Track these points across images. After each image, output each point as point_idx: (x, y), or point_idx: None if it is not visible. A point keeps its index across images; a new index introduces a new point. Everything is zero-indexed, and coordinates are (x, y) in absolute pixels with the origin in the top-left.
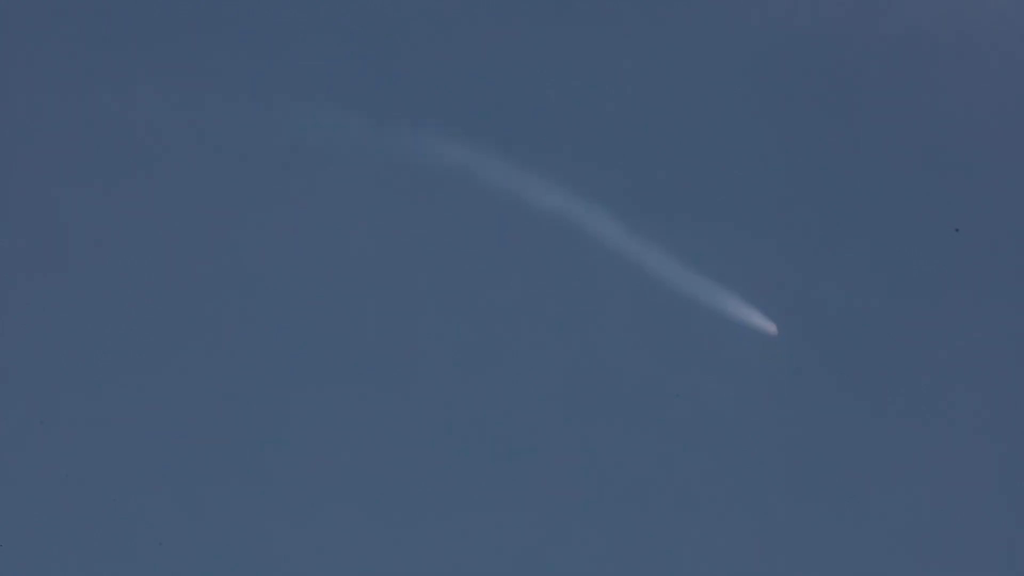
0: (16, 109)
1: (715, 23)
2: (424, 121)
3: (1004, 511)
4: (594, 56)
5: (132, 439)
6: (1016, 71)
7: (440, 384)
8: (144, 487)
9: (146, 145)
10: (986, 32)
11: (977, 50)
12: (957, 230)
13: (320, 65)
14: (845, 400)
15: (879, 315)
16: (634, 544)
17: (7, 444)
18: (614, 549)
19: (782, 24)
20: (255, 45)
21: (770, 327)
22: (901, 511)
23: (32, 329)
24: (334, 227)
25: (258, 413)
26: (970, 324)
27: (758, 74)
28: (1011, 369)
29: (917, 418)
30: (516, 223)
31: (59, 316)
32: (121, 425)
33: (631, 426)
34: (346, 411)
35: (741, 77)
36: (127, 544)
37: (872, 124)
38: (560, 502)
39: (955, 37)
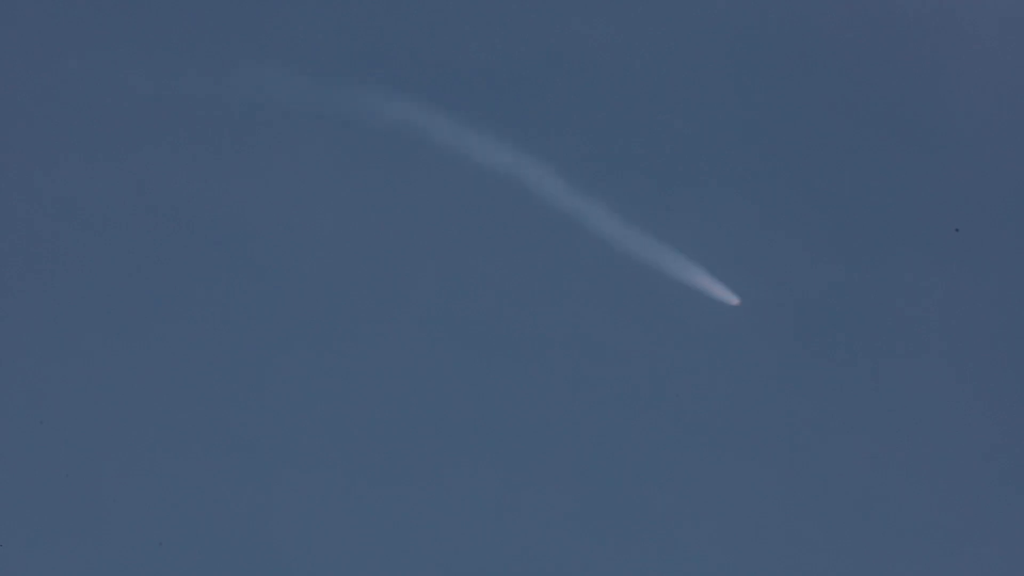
0: None
1: None
2: (370, 79)
3: (969, 478)
4: (542, 14)
5: (132, 439)
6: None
7: (385, 339)
8: (144, 487)
9: (92, 110)
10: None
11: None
12: (957, 230)
13: (267, 25)
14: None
15: (836, 280)
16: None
17: (7, 444)
18: (577, 512)
19: None
20: (200, 6)
21: (731, 297)
22: (868, 477)
23: (28, 325)
24: (284, 186)
25: (243, 399)
26: (929, 292)
27: (719, 31)
28: (969, 340)
29: (881, 387)
30: (463, 181)
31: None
32: (121, 425)
33: (575, 381)
34: (291, 371)
35: (700, 35)
36: (127, 544)
37: (831, 84)
38: (504, 454)
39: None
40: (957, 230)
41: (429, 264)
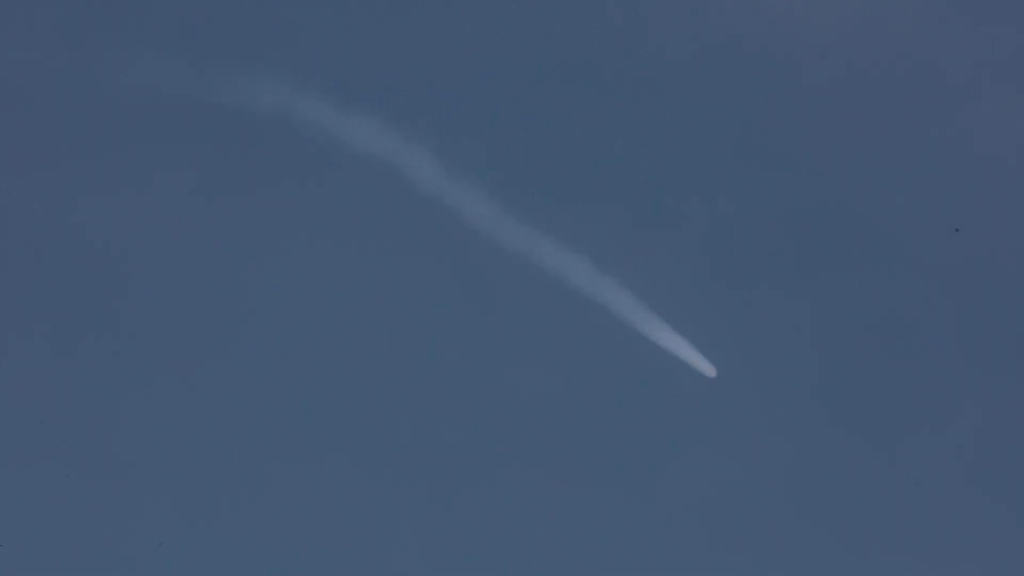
0: None
1: None
2: (243, 64)
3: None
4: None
5: (132, 439)
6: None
7: (240, 330)
8: (144, 487)
9: None
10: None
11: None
12: (957, 230)
13: (141, 8)
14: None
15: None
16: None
17: (7, 444)
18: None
19: None
20: None
21: (709, 369)
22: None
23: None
24: (151, 171)
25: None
26: (927, 299)
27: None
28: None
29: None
30: (336, 166)
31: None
32: (121, 425)
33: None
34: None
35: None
36: (127, 544)
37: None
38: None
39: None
40: (957, 230)
41: (288, 244)
